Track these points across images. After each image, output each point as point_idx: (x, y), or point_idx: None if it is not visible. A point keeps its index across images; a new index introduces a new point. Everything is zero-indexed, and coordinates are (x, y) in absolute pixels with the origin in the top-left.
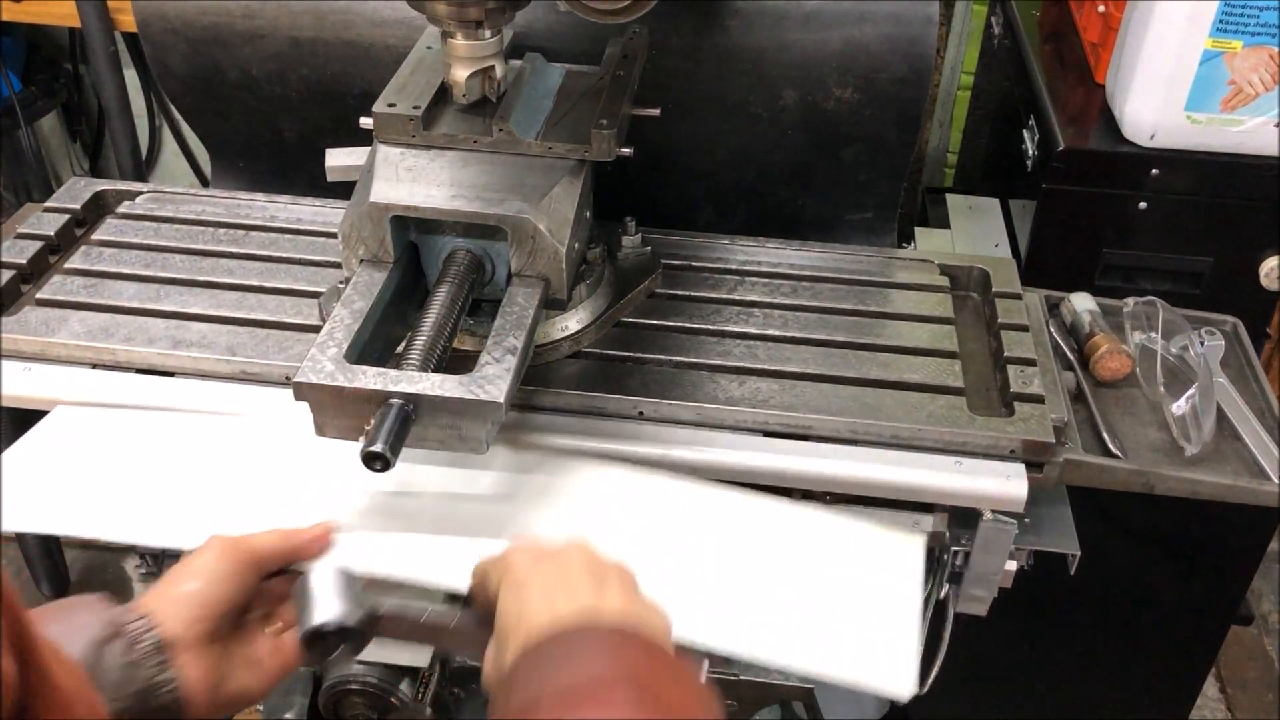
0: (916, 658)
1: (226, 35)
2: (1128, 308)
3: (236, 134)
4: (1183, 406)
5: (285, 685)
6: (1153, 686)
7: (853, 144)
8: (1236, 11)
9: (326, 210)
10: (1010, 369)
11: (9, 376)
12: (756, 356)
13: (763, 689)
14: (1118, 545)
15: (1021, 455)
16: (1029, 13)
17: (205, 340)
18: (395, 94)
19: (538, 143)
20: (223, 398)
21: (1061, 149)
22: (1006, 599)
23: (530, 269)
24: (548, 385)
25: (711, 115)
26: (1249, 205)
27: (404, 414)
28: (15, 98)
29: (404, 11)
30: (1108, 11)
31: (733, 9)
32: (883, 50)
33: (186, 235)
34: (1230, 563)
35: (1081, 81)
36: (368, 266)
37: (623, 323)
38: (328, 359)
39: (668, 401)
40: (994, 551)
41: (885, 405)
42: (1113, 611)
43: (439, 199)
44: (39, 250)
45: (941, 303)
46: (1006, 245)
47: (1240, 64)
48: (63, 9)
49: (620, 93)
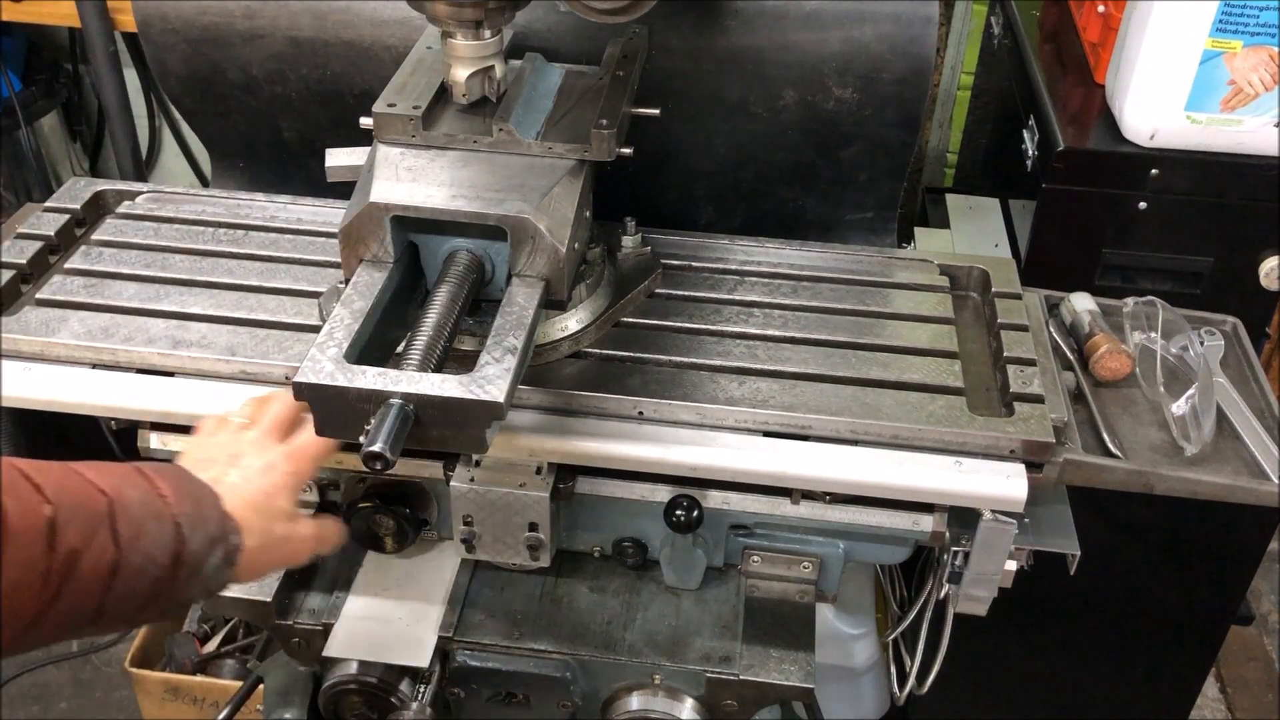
0: None
1: (226, 35)
2: (1128, 308)
3: (236, 134)
4: (1182, 406)
5: (285, 684)
6: (1153, 686)
7: (853, 144)
8: (1236, 11)
9: (326, 210)
10: (1010, 369)
11: (9, 376)
12: (756, 356)
13: (763, 689)
14: (1118, 545)
15: (1021, 455)
16: (1029, 13)
17: (205, 340)
18: (395, 94)
19: (538, 143)
20: (223, 398)
21: (1061, 149)
22: (1006, 599)
23: (530, 269)
24: (548, 385)
25: (711, 115)
26: (1249, 205)
27: (404, 414)
28: (15, 98)
29: (404, 11)
30: (1108, 11)
31: (733, 9)
32: (883, 50)
33: (186, 235)
34: (1230, 563)
35: (1081, 81)
36: (368, 266)
37: (623, 323)
38: (328, 359)
39: (668, 401)
40: (994, 551)
41: (885, 405)
42: (1113, 611)
43: (439, 199)
44: (39, 250)
45: (941, 303)
46: (1006, 245)
47: (1240, 64)
48: (63, 9)
49: (620, 93)
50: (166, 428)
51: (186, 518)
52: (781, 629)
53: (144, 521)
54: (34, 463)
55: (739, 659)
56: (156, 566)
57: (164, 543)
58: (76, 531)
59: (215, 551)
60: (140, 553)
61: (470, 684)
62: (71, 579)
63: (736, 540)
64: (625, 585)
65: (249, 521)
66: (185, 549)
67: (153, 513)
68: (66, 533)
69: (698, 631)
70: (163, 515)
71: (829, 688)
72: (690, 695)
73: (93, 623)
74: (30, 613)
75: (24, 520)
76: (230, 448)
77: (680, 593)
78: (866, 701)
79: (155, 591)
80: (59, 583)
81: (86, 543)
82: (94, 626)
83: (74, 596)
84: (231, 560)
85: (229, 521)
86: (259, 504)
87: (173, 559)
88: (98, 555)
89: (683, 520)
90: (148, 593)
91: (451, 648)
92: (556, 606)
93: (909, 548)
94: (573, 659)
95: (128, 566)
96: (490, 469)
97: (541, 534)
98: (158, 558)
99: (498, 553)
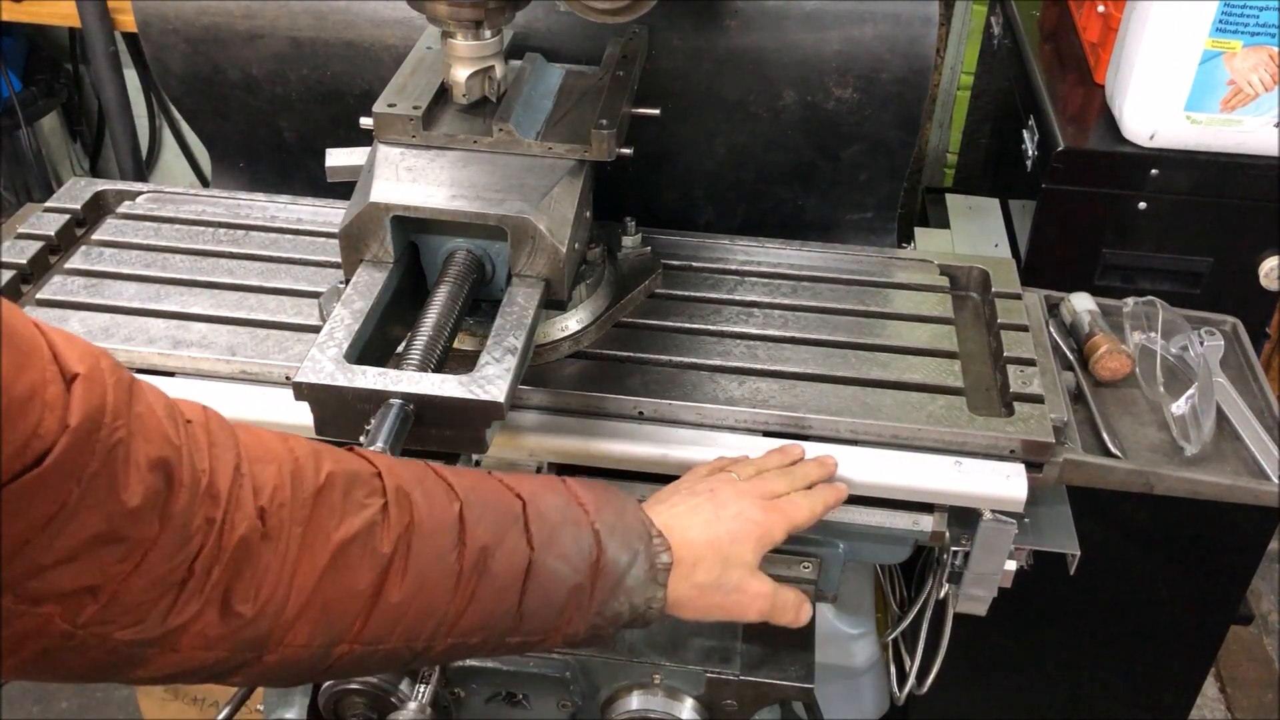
0: None
1: (226, 35)
2: (1127, 308)
3: (236, 134)
4: (1182, 406)
5: None
6: (1153, 686)
7: (853, 144)
8: (1236, 11)
9: (326, 210)
10: (1010, 369)
11: None
12: (756, 356)
13: (762, 689)
14: (1118, 545)
15: (1021, 455)
16: (1029, 13)
17: (205, 340)
18: (395, 94)
19: (538, 143)
20: (223, 398)
21: (1061, 149)
22: (1006, 599)
23: (530, 269)
24: (548, 385)
25: (711, 115)
26: (1249, 205)
27: (404, 414)
28: (15, 98)
29: (404, 11)
30: (1108, 11)
31: (733, 9)
32: (883, 50)
33: (186, 235)
34: (1230, 563)
35: (1081, 81)
36: (368, 266)
37: (623, 323)
38: (328, 359)
39: (668, 401)
40: (994, 551)
41: (885, 405)
42: (1113, 611)
43: (439, 199)
44: (39, 250)
45: (941, 303)
46: (1006, 245)
47: (1240, 64)
48: (63, 9)
49: (620, 93)
50: None
51: (606, 526)
52: (781, 629)
53: (560, 526)
54: (449, 466)
55: (739, 659)
56: (574, 572)
57: (582, 549)
58: (487, 529)
59: (638, 563)
60: (556, 556)
61: (470, 684)
62: (485, 577)
63: None
64: None
65: (703, 556)
66: (604, 557)
67: (570, 519)
68: (477, 529)
69: (698, 631)
70: (580, 522)
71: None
72: (690, 695)
73: (514, 631)
74: (450, 613)
75: (433, 514)
76: (713, 485)
77: None
78: (866, 701)
79: (575, 600)
80: (473, 581)
81: (498, 541)
82: (518, 637)
83: (489, 597)
84: (659, 579)
85: (655, 536)
86: (720, 545)
87: (591, 566)
88: (510, 554)
89: None
90: (567, 600)
91: None
92: None
93: (909, 548)
94: (573, 659)
95: (542, 569)
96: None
97: None
98: (575, 563)
99: None
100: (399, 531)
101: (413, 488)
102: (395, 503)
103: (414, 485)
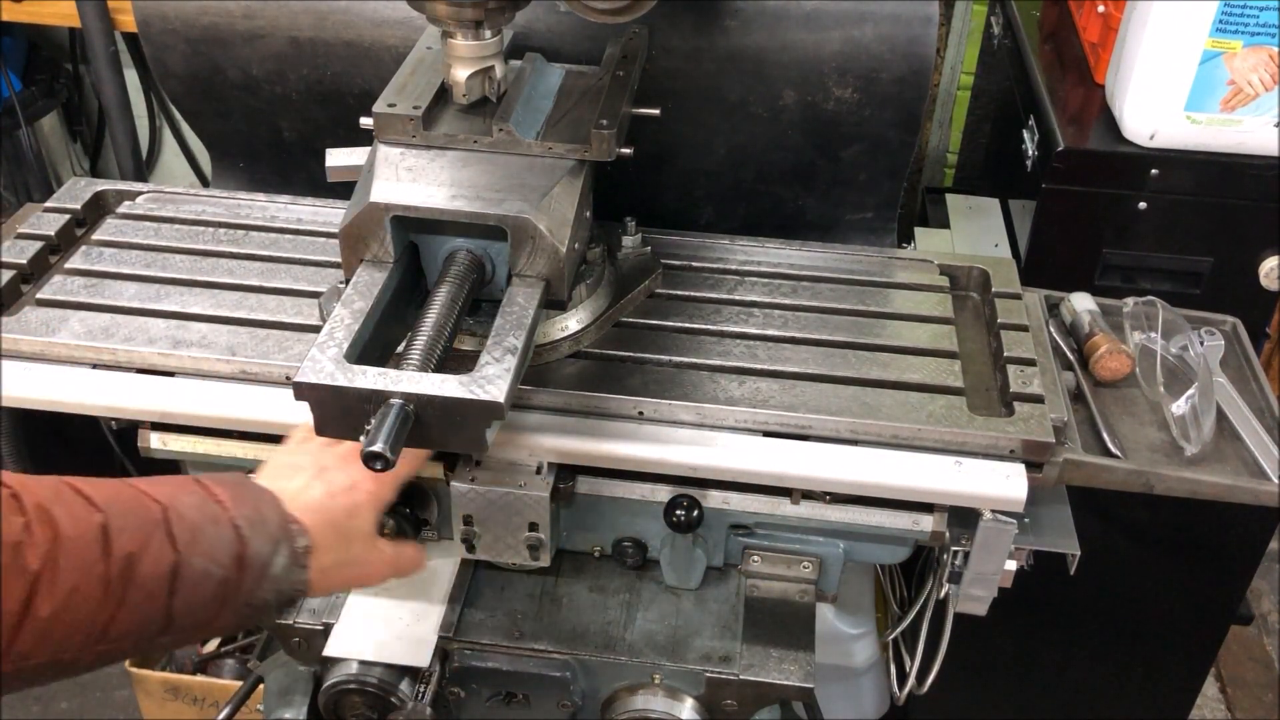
0: None
1: (226, 35)
2: (1127, 308)
3: (236, 134)
4: (1182, 406)
5: (285, 684)
6: (1153, 686)
7: (853, 144)
8: (1236, 11)
9: (326, 210)
10: (1010, 369)
11: (9, 376)
12: (756, 356)
13: (762, 689)
14: (1118, 545)
15: (1021, 455)
16: (1029, 13)
17: (205, 340)
18: (395, 94)
19: (538, 143)
20: (223, 398)
21: (1061, 149)
22: (1006, 599)
23: (530, 269)
24: (548, 385)
25: (711, 115)
26: (1249, 205)
27: (404, 414)
28: (15, 98)
29: (404, 11)
30: (1108, 11)
31: (733, 9)
32: (883, 50)
33: (186, 235)
34: (1230, 563)
35: (1081, 81)
36: (368, 266)
37: (623, 323)
38: (328, 359)
39: (668, 401)
40: (994, 551)
41: (885, 405)
42: (1113, 611)
43: (439, 199)
44: (39, 250)
45: (941, 303)
46: (1006, 245)
47: (1240, 64)
48: (63, 9)
49: (620, 93)
50: (167, 428)
51: (245, 519)
52: (781, 629)
53: (201, 525)
54: (84, 478)
55: (739, 659)
56: (220, 568)
57: (224, 545)
58: (131, 537)
59: (280, 552)
60: (200, 555)
61: (470, 684)
62: (132, 584)
63: (736, 540)
64: (625, 585)
65: (326, 537)
66: (247, 550)
67: (209, 517)
68: (121, 538)
69: (698, 631)
70: (219, 519)
71: (829, 688)
72: (690, 695)
73: (165, 631)
74: (98, 622)
75: (76, 527)
76: (319, 459)
77: (680, 593)
78: (866, 701)
79: (223, 595)
80: (120, 588)
81: (142, 547)
82: (168, 636)
83: (138, 603)
84: (301, 562)
85: (292, 523)
86: (339, 522)
87: (235, 560)
88: (156, 559)
89: (683, 520)
90: (215, 596)
91: (452, 647)
92: (557, 606)
93: (909, 548)
94: (573, 659)
95: (189, 569)
96: (490, 469)
97: (541, 534)
98: (220, 559)
99: (498, 552)
100: (46, 547)
101: (53, 504)
102: (38, 520)
103: (54, 501)
